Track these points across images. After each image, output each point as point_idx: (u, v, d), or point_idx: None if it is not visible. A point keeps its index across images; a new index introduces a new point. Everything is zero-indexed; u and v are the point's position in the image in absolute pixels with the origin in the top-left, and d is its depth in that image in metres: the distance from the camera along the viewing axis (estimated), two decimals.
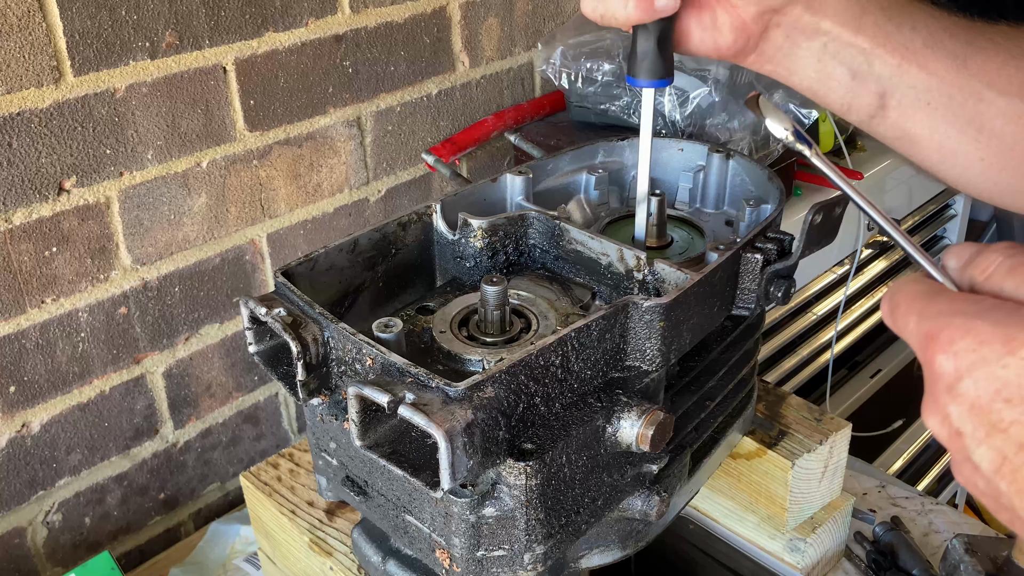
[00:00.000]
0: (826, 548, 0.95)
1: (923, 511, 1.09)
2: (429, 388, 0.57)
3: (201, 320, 1.16)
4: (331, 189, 1.25)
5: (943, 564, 0.90)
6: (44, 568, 1.10)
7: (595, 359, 0.64)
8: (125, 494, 1.16)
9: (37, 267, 0.99)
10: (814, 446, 0.89)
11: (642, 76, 0.68)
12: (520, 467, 0.60)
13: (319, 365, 0.65)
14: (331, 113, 1.21)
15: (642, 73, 0.68)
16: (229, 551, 1.12)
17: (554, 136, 1.35)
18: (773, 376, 1.62)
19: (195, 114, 1.07)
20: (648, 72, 0.68)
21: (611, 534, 0.73)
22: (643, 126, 0.72)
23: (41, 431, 1.05)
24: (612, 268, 0.75)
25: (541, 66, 1.37)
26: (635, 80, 0.69)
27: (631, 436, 0.64)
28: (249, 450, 1.28)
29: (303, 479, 0.92)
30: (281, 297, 0.68)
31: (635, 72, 0.68)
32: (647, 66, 0.67)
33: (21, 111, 0.94)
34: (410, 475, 0.57)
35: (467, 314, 0.73)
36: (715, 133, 1.23)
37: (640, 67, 0.68)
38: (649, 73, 0.68)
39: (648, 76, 0.68)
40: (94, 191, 1.02)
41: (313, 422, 0.73)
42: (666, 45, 0.66)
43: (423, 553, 0.68)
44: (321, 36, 1.17)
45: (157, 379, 1.14)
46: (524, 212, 0.80)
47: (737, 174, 0.90)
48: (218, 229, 1.14)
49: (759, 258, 0.73)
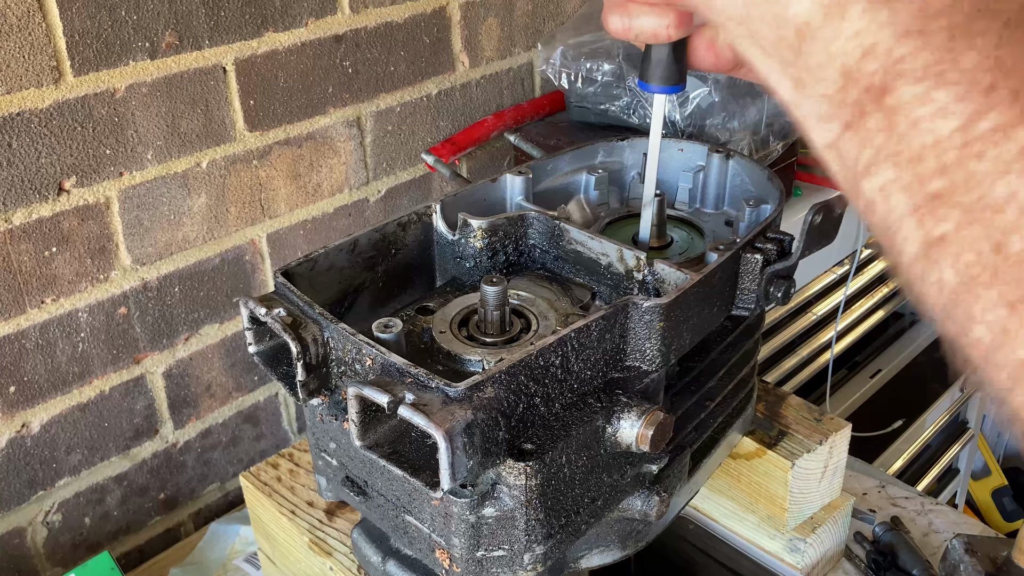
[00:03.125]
0: (826, 548, 0.95)
1: (923, 511, 1.09)
2: (429, 388, 0.57)
3: (201, 320, 1.16)
4: (331, 189, 1.25)
5: (943, 564, 0.90)
6: (44, 568, 1.10)
7: (595, 359, 0.64)
8: (125, 494, 1.16)
9: (37, 267, 0.99)
10: (814, 446, 0.89)
11: (655, 82, 0.68)
12: (520, 467, 0.60)
13: (319, 365, 0.65)
14: (331, 113, 1.21)
15: (655, 79, 0.68)
16: (229, 551, 1.12)
17: (554, 136, 1.35)
18: (773, 376, 1.62)
19: (195, 114, 1.07)
20: (662, 79, 0.68)
21: (611, 534, 0.73)
22: (653, 131, 0.72)
23: (41, 431, 1.05)
24: (612, 268, 0.75)
25: (541, 66, 1.37)
26: (648, 86, 0.69)
27: (631, 436, 0.64)
28: (249, 450, 1.28)
29: (303, 479, 0.92)
30: (281, 297, 0.67)
31: (648, 78, 0.68)
32: (661, 72, 0.67)
33: (21, 111, 0.94)
34: (410, 475, 0.57)
35: (467, 314, 0.73)
36: (715, 133, 1.23)
37: (654, 73, 0.68)
38: (663, 80, 0.68)
39: (662, 82, 0.68)
40: (94, 191, 1.02)
41: (313, 422, 0.73)
42: (682, 53, 0.66)
43: (423, 553, 0.68)
44: (321, 36, 1.17)
45: (157, 379, 1.14)
46: (524, 212, 0.80)
47: (737, 174, 0.90)
48: (218, 229, 1.14)
49: (759, 258, 0.73)
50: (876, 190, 0.28)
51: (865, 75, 0.27)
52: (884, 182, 0.28)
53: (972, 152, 0.25)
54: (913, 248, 0.27)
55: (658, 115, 0.72)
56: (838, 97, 0.28)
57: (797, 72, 0.30)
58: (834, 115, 0.29)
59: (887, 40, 0.27)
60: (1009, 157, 0.25)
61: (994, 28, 0.25)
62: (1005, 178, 0.25)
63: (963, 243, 0.26)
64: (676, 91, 0.70)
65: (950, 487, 2.19)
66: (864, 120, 0.28)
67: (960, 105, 0.25)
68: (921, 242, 0.27)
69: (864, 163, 0.28)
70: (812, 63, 0.29)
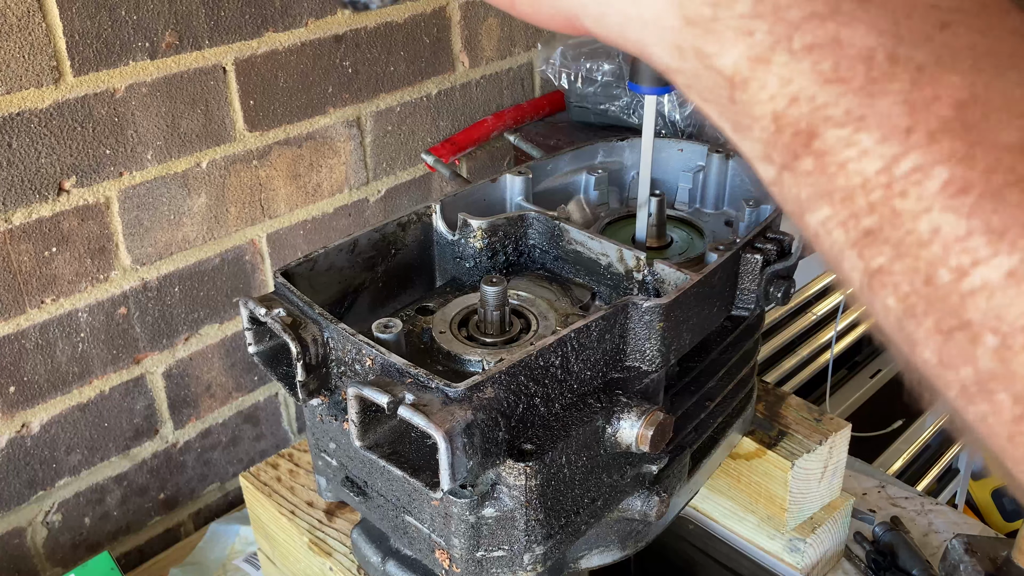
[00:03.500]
0: (826, 548, 0.95)
1: (923, 511, 1.09)
2: (429, 389, 0.57)
3: (201, 320, 1.16)
4: (331, 189, 1.25)
5: (943, 564, 0.90)
6: (44, 568, 1.10)
7: (595, 360, 0.64)
8: (125, 494, 1.16)
9: (37, 267, 0.99)
10: (814, 446, 0.89)
11: (645, 83, 0.68)
12: (520, 468, 0.60)
13: (319, 366, 0.65)
14: (331, 113, 1.21)
15: (645, 80, 0.68)
16: (229, 551, 1.12)
17: (554, 136, 1.36)
18: (773, 376, 1.62)
19: (195, 114, 1.07)
20: (652, 79, 0.68)
21: (611, 534, 0.73)
22: (645, 131, 0.73)
23: (41, 431, 1.05)
24: (612, 268, 0.75)
25: (541, 66, 1.37)
26: (638, 87, 0.69)
27: (631, 437, 0.64)
28: (249, 450, 1.28)
29: (303, 479, 0.92)
30: (281, 297, 0.67)
31: (639, 79, 0.69)
32: (651, 73, 0.67)
33: (21, 111, 0.94)
34: (410, 476, 0.57)
35: (467, 314, 0.73)
36: (715, 133, 1.23)
37: (644, 74, 0.68)
38: (653, 80, 0.68)
39: (652, 83, 0.68)
40: (94, 191, 1.02)
41: (313, 422, 0.73)
42: None
43: (423, 554, 0.68)
44: (321, 36, 1.16)
45: (157, 379, 1.14)
46: (524, 212, 0.80)
47: (737, 174, 0.90)
48: (218, 229, 1.14)
49: (759, 258, 0.73)
50: (818, 224, 0.30)
51: (793, 120, 0.29)
52: (823, 218, 0.29)
53: (896, 191, 0.27)
54: (857, 277, 0.29)
55: (649, 116, 0.72)
56: (772, 140, 0.30)
57: (733, 117, 0.31)
58: (770, 157, 0.30)
59: (810, 87, 0.28)
60: (930, 195, 0.26)
61: (908, 73, 0.27)
62: (928, 215, 0.26)
63: (898, 275, 0.28)
64: (666, 92, 0.70)
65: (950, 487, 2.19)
66: (798, 162, 0.29)
67: (882, 147, 0.27)
68: (863, 272, 0.29)
69: (804, 200, 0.30)
70: (745, 111, 0.30)
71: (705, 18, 0.30)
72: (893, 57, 0.27)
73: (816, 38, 0.28)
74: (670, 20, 0.31)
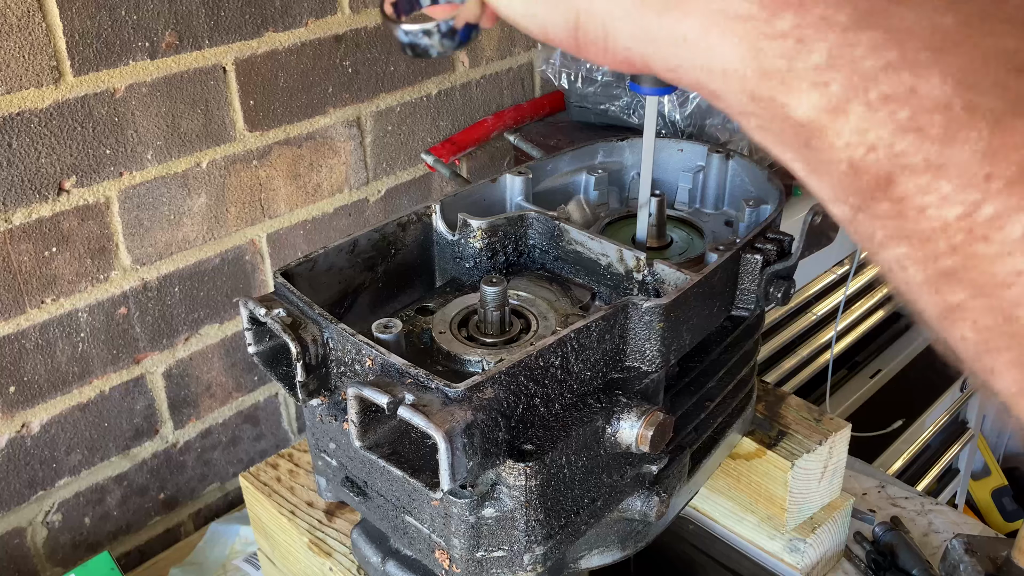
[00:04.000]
0: (826, 548, 0.95)
1: (923, 511, 1.09)
2: (429, 389, 0.57)
3: (201, 320, 1.16)
4: (331, 189, 1.25)
5: (943, 564, 0.90)
6: (44, 568, 1.10)
7: (595, 360, 0.64)
8: (125, 494, 1.16)
9: (37, 267, 0.99)
10: (814, 446, 0.89)
11: (646, 84, 0.68)
12: (520, 468, 0.60)
13: (319, 366, 0.65)
14: (331, 113, 1.21)
15: (646, 81, 0.68)
16: (229, 551, 1.12)
17: (554, 136, 1.35)
18: (773, 376, 1.62)
19: (195, 114, 1.07)
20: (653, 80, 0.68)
21: (611, 535, 0.73)
22: (647, 131, 0.73)
23: (41, 431, 1.05)
24: (612, 269, 0.75)
25: (541, 66, 1.37)
26: (639, 87, 0.69)
27: (631, 437, 0.64)
28: (249, 450, 1.28)
29: (303, 479, 0.92)
30: (280, 298, 0.67)
31: (640, 80, 0.69)
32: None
33: (21, 111, 0.94)
34: (410, 476, 0.57)
35: (467, 315, 0.73)
36: (715, 133, 1.23)
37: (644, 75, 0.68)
38: (654, 81, 0.68)
39: (653, 84, 0.68)
40: (94, 191, 1.02)
41: (312, 423, 0.73)
42: None
43: (422, 554, 0.68)
44: (321, 36, 1.16)
45: (157, 379, 1.14)
46: (524, 212, 0.80)
47: (737, 174, 0.90)
48: (218, 229, 1.14)
49: (759, 259, 0.73)
50: (893, 261, 0.31)
51: (870, 167, 0.29)
52: (899, 256, 0.30)
53: (977, 236, 0.28)
54: (933, 311, 0.30)
55: (651, 116, 0.72)
56: (848, 184, 0.30)
57: (807, 162, 0.32)
58: (846, 200, 0.31)
59: (888, 137, 0.29)
60: (1012, 240, 0.27)
61: (985, 122, 0.28)
62: (1011, 258, 0.27)
63: (977, 311, 0.29)
64: (668, 92, 0.70)
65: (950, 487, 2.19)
66: (874, 205, 0.30)
67: (962, 195, 0.28)
68: (940, 308, 0.30)
69: (879, 239, 0.31)
70: (820, 156, 0.31)
71: (780, 70, 0.30)
72: (970, 107, 0.28)
73: (892, 88, 0.28)
74: (745, 71, 0.31)
